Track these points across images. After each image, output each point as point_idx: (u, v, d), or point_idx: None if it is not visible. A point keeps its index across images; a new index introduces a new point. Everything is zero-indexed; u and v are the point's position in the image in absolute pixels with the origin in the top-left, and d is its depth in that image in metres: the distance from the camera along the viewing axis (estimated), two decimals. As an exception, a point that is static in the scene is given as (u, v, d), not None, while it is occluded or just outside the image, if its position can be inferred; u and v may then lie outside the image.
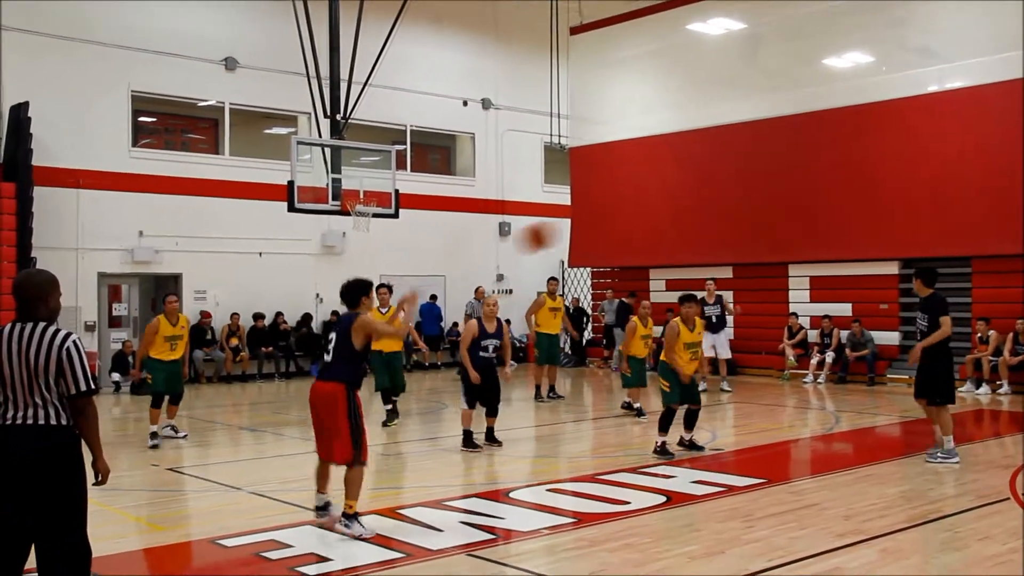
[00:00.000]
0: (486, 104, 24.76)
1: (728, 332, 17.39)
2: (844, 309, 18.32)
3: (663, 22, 21.50)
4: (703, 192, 20.58)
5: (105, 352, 18.85)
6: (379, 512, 7.69)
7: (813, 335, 18.49)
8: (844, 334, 17.86)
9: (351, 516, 6.78)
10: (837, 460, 10.81)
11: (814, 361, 17.96)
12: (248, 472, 9.90)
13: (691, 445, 10.43)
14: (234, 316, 19.95)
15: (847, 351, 17.67)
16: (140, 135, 20.38)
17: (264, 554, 6.57)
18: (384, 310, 12.47)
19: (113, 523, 7.60)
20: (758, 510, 7.63)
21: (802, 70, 19.41)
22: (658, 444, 10.14)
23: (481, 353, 10.66)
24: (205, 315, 19.66)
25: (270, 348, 20.17)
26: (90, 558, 4.75)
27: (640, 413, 13.39)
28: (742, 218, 19.77)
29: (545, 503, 8.08)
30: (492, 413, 10.95)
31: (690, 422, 10.42)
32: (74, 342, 4.68)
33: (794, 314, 18.77)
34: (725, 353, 17.02)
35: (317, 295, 21.26)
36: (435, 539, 6.85)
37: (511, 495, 8.39)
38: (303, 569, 6.16)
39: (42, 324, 4.68)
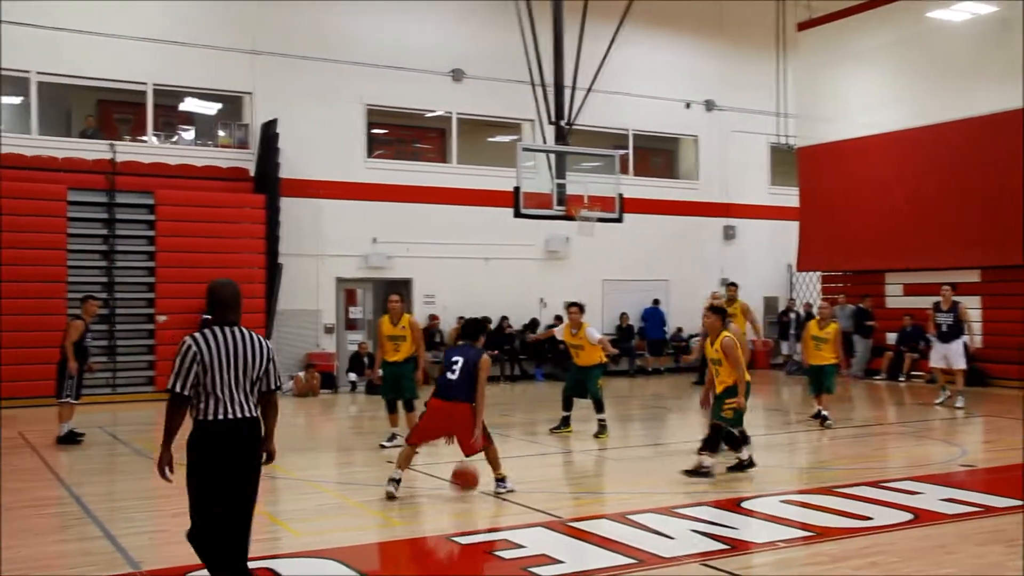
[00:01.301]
0: (709, 106, 24.26)
1: (963, 340, 15.78)
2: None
3: (900, 12, 20.30)
4: (946, 190, 19.22)
5: (343, 353, 19.90)
6: (608, 517, 7.67)
7: (1076, 344, 16.84)
8: (1114, 343, 16.14)
9: (504, 479, 8.44)
10: (1112, 483, 9.71)
11: (1077, 373, 16.34)
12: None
13: (694, 470, 9.28)
14: (460, 319, 20.51)
15: (1118, 362, 15.95)
16: (374, 146, 21.41)
17: (497, 553, 6.67)
18: (575, 331, 12.35)
19: (354, 516, 7.97)
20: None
21: (1062, 54, 17.73)
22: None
23: None
24: (433, 318, 20.37)
25: (496, 352, 20.57)
26: None
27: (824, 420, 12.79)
28: (992, 217, 18.27)
29: (779, 515, 7.75)
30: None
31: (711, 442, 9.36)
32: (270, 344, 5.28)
33: (1053, 321, 17.18)
34: (960, 363, 15.40)
35: (541, 300, 21.53)
36: (667, 546, 6.71)
37: (742, 505, 8.10)
38: (535, 570, 6.18)
39: (244, 328, 5.16)
